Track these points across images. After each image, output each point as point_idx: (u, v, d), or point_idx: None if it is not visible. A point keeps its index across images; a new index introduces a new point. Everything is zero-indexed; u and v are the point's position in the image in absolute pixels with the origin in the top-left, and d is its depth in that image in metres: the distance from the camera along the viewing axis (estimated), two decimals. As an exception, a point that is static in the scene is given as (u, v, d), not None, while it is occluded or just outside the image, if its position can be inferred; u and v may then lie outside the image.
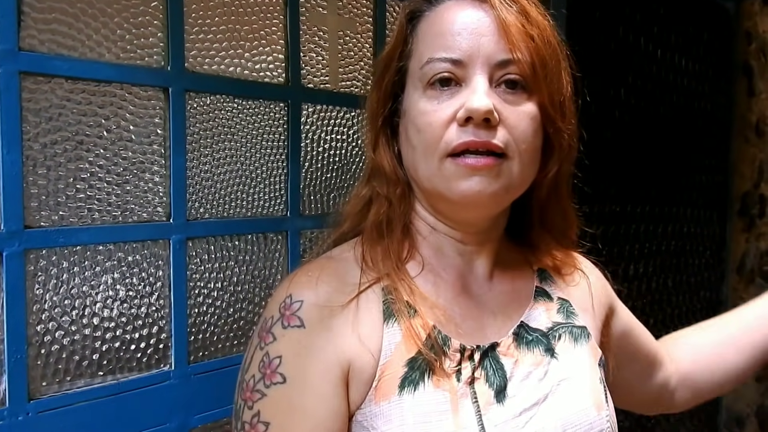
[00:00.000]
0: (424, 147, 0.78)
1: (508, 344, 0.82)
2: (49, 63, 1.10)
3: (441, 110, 0.77)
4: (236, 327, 1.39)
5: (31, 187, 1.09)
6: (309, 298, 0.77)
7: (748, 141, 3.03)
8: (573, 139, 0.85)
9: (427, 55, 0.79)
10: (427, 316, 0.79)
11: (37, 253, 1.10)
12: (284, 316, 0.76)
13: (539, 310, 0.88)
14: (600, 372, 0.88)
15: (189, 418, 1.29)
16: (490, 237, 0.87)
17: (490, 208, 0.82)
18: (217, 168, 1.34)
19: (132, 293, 1.22)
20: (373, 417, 0.73)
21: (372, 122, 0.87)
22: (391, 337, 0.76)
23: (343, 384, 0.75)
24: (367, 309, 0.78)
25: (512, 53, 0.77)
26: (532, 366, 0.82)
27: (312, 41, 1.49)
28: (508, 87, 0.78)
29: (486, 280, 0.88)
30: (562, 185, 0.88)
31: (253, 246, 1.41)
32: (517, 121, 0.77)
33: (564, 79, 0.83)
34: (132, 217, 1.22)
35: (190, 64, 1.29)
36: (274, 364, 0.74)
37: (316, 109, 1.51)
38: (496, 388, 0.78)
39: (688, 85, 2.81)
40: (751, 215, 3.05)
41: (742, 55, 3.02)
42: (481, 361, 0.79)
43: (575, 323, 0.90)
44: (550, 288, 0.92)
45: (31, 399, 1.09)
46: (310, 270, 0.81)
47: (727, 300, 3.11)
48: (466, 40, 0.77)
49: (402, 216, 0.85)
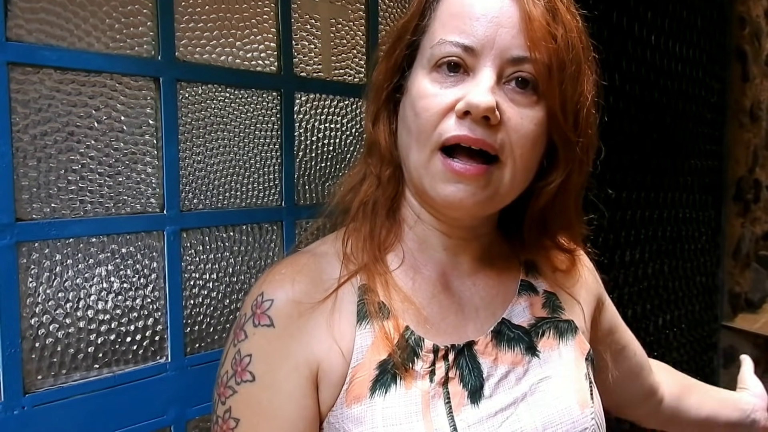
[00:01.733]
0: (419, 132, 0.74)
1: (485, 343, 0.79)
2: (37, 53, 1.09)
3: (442, 96, 0.73)
4: (232, 318, 1.38)
5: (22, 180, 1.08)
6: (280, 297, 0.75)
7: (742, 126, 3.03)
8: (587, 152, 0.80)
9: (440, 35, 0.74)
10: (400, 316, 0.77)
11: (30, 245, 1.09)
12: (255, 315, 0.76)
13: (522, 306, 0.85)
14: (586, 367, 0.85)
15: (186, 411, 1.28)
16: (477, 233, 0.84)
17: (475, 213, 0.77)
18: (210, 158, 1.33)
19: (126, 285, 1.21)
20: (344, 420, 0.72)
21: (376, 95, 0.82)
22: (363, 339, 0.75)
23: (313, 385, 0.74)
24: (341, 309, 0.76)
25: (530, 51, 0.71)
26: (511, 365, 0.79)
27: (304, 29, 1.48)
28: (518, 85, 0.73)
29: (470, 275, 0.84)
30: (567, 197, 0.81)
31: (248, 236, 1.40)
32: (519, 124, 0.72)
33: (583, 87, 0.77)
34: (125, 208, 1.21)
35: (181, 54, 1.27)
36: (245, 362, 0.74)
37: (309, 98, 1.49)
38: (470, 388, 0.76)
39: (682, 70, 2.81)
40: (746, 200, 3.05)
41: (735, 40, 3.02)
42: (455, 361, 0.76)
43: (561, 317, 0.87)
44: (537, 281, 0.89)
45: (26, 393, 1.08)
46: (284, 267, 0.79)
47: (722, 285, 3.12)
48: (483, 28, 0.72)
49: (389, 199, 0.82)
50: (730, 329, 3.09)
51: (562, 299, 0.89)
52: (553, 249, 0.91)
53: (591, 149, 0.80)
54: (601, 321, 1.01)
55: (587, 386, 0.83)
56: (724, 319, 3.13)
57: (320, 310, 0.75)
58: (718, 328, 3.11)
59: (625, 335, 1.11)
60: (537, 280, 0.89)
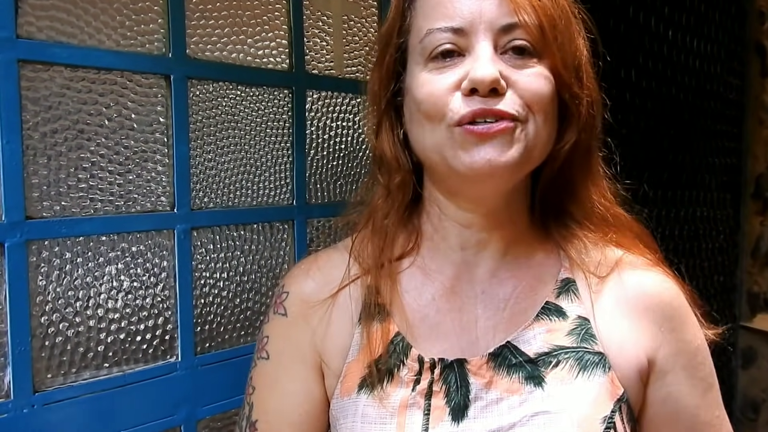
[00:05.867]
0: (428, 117, 0.72)
1: (480, 364, 0.75)
2: (47, 50, 1.08)
3: (444, 78, 0.72)
4: (243, 317, 1.37)
5: (32, 177, 1.07)
6: (295, 291, 0.83)
7: (761, 122, 2.99)
8: (593, 106, 0.78)
9: (426, 27, 0.73)
10: (395, 320, 0.77)
11: (40, 244, 1.09)
12: (275, 303, 0.84)
13: (536, 331, 0.77)
14: (609, 410, 0.74)
15: (196, 410, 1.27)
16: (502, 220, 0.79)
17: (504, 178, 0.73)
18: (221, 156, 1.32)
19: (137, 284, 1.21)
20: (338, 409, 0.78)
21: (374, 105, 0.82)
22: (359, 337, 0.78)
23: (318, 372, 0.80)
24: (346, 307, 0.80)
25: (517, 15, 0.71)
26: (506, 392, 0.74)
27: (316, 26, 1.47)
28: (515, 53, 0.72)
29: (484, 280, 0.79)
30: (581, 161, 0.79)
31: (258, 235, 1.39)
32: (528, 83, 0.71)
33: (577, 42, 0.77)
34: (135, 206, 1.20)
35: (192, 51, 1.26)
36: (264, 342, 0.83)
37: (321, 96, 1.48)
38: (453, 406, 0.73)
39: (700, 66, 2.77)
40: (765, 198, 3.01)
41: (754, 35, 2.97)
42: (442, 375, 0.74)
43: (590, 348, 0.76)
44: (570, 304, 0.79)
45: (36, 391, 1.08)
46: (305, 263, 0.86)
47: (741, 284, 3.07)
48: (467, 6, 0.71)
49: (400, 208, 0.81)
50: (748, 329, 3.05)
51: (600, 327, 0.78)
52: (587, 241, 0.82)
53: (596, 105, 0.79)
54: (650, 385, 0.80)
55: (599, 430, 0.73)
56: (743, 319, 3.08)
57: (325, 306, 0.80)
58: (736, 328, 3.07)
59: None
60: (572, 302, 0.79)
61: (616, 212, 0.84)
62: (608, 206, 0.84)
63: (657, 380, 0.79)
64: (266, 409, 0.81)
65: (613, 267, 0.81)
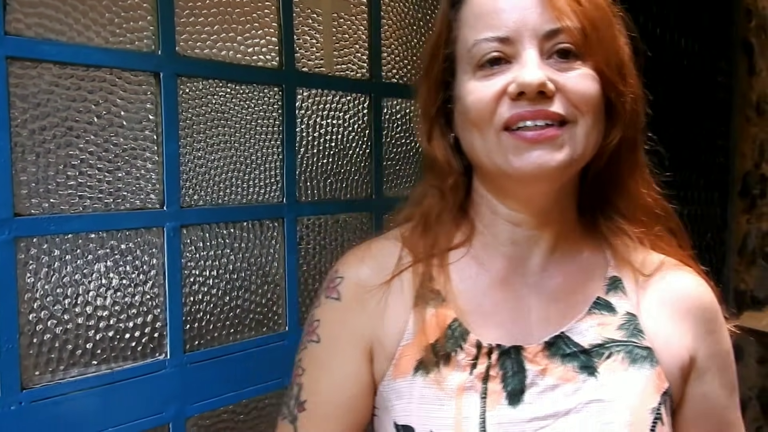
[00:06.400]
0: (477, 123, 0.75)
1: (536, 351, 0.78)
2: (36, 47, 1.08)
3: (490, 85, 0.74)
4: (232, 315, 1.37)
5: (20, 174, 1.07)
6: (349, 276, 0.84)
7: (748, 120, 3.00)
8: (637, 103, 0.81)
9: (473, 38, 0.76)
10: (451, 306, 0.80)
11: (28, 241, 1.08)
12: (328, 288, 0.85)
13: (589, 324, 0.80)
14: (656, 402, 0.78)
15: (185, 408, 1.27)
16: (551, 218, 0.81)
17: (554, 180, 0.76)
18: (210, 154, 1.32)
19: (125, 281, 1.20)
20: (390, 391, 0.79)
21: (425, 113, 0.84)
22: (415, 322, 0.80)
23: (367, 356, 0.82)
24: (400, 293, 0.82)
25: (560, 21, 0.73)
26: (561, 380, 0.77)
27: (306, 24, 1.46)
28: (560, 57, 0.74)
29: (536, 273, 0.82)
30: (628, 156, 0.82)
31: (248, 233, 1.39)
32: (575, 84, 0.73)
33: (619, 40, 0.80)
34: (124, 204, 1.20)
35: (182, 48, 1.26)
36: (314, 325, 0.85)
37: (311, 93, 1.48)
38: (510, 390, 0.76)
39: (687, 64, 2.78)
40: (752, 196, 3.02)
41: (742, 33, 2.98)
42: (499, 361, 0.77)
43: (639, 343, 0.80)
44: (619, 300, 0.82)
45: (23, 388, 1.08)
46: (359, 250, 0.87)
47: (728, 282, 3.09)
48: (511, 16, 0.74)
49: (453, 207, 0.84)
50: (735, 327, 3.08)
51: (646, 324, 0.81)
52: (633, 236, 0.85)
53: (639, 101, 0.81)
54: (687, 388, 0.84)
55: (648, 420, 0.77)
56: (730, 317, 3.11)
57: (381, 292, 0.82)
58: (722, 324, 3.09)
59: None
60: (620, 299, 0.83)
61: (662, 204, 0.88)
62: (655, 198, 0.87)
63: (696, 378, 0.83)
64: (316, 390, 0.83)
65: (657, 267, 0.85)
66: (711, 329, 0.84)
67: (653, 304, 0.83)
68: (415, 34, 1.72)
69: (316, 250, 1.53)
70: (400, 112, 1.70)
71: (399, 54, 1.68)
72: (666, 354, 0.80)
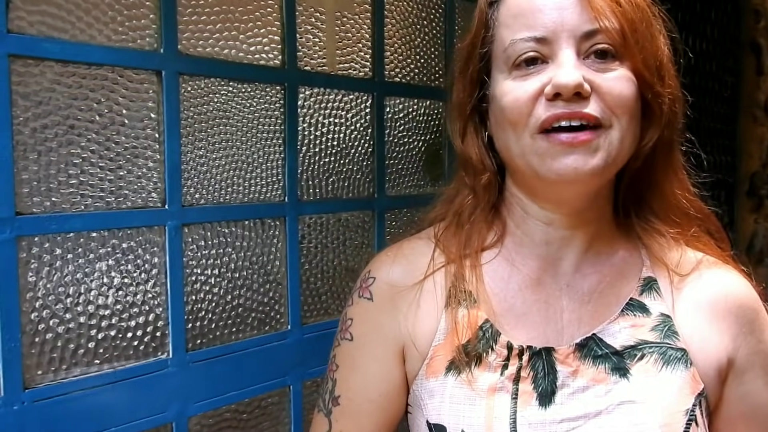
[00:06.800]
0: (513, 124, 0.75)
1: (567, 353, 0.78)
2: (38, 45, 1.07)
3: (527, 86, 0.74)
4: (234, 314, 1.37)
5: (22, 173, 1.07)
6: (382, 276, 0.86)
7: (756, 120, 2.99)
8: (675, 104, 0.81)
9: (510, 37, 0.76)
10: (483, 307, 0.81)
11: (30, 240, 1.08)
12: (361, 288, 0.87)
13: (621, 326, 0.80)
14: (690, 403, 0.77)
15: (187, 407, 1.27)
16: (585, 218, 0.81)
17: (589, 184, 0.77)
18: (212, 153, 1.32)
19: (127, 280, 1.20)
20: (423, 389, 0.81)
21: (459, 112, 0.85)
22: (447, 321, 0.81)
23: (399, 355, 0.84)
24: (432, 292, 0.83)
25: (598, 22, 0.73)
26: (592, 381, 0.77)
27: (308, 22, 1.46)
28: (597, 57, 0.74)
29: (568, 274, 0.82)
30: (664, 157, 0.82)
31: (250, 232, 1.39)
32: (611, 86, 0.73)
33: (658, 42, 0.79)
34: (126, 203, 1.20)
35: (184, 47, 1.26)
36: (348, 324, 0.87)
37: (313, 92, 1.48)
38: (541, 391, 0.77)
39: (695, 63, 2.77)
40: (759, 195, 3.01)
41: (750, 33, 2.97)
42: (530, 362, 0.78)
43: (673, 344, 0.79)
44: (653, 301, 0.82)
45: (26, 388, 1.07)
46: (391, 250, 0.89)
47: (734, 282, 3.08)
48: (548, 16, 0.74)
49: (486, 206, 0.85)
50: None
51: (681, 325, 0.81)
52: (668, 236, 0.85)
53: (678, 102, 0.81)
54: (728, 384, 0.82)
55: (683, 421, 0.76)
56: None
57: (413, 292, 0.84)
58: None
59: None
60: (654, 300, 0.82)
61: (698, 206, 0.87)
62: (691, 199, 0.86)
63: (735, 378, 0.82)
64: (348, 387, 0.85)
65: (695, 267, 0.84)
66: (752, 329, 0.82)
67: (690, 304, 0.82)
68: (418, 34, 1.72)
69: (318, 249, 1.52)
70: (403, 111, 1.69)
71: (402, 53, 1.68)
72: (702, 355, 0.79)
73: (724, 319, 0.82)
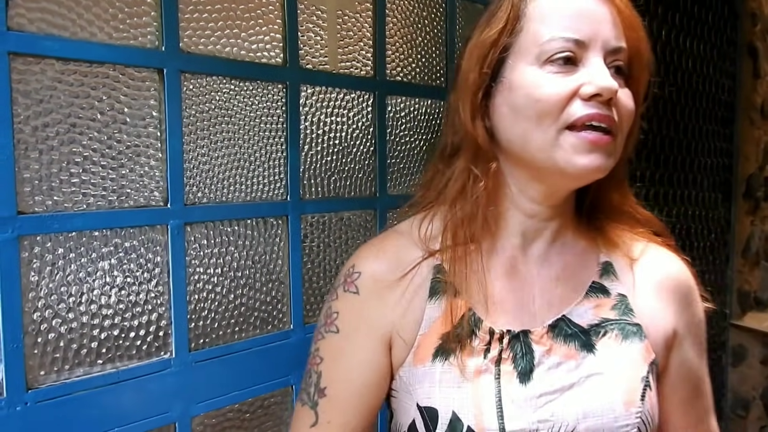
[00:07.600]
0: (541, 116, 0.80)
1: (541, 334, 0.86)
2: (39, 43, 1.07)
3: (564, 83, 0.80)
4: (237, 313, 1.36)
5: (24, 172, 1.06)
6: (366, 271, 0.90)
7: (753, 123, 3.00)
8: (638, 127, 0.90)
9: (550, 34, 0.81)
10: (465, 296, 0.87)
11: (32, 239, 1.07)
12: (346, 282, 0.91)
13: (586, 307, 0.90)
14: (645, 371, 0.87)
15: (191, 407, 1.26)
16: (559, 211, 0.90)
17: (589, 181, 0.85)
18: (214, 151, 1.31)
19: (130, 280, 1.19)
20: (411, 376, 0.86)
21: (472, 96, 0.87)
22: (432, 312, 0.87)
23: (385, 346, 0.88)
24: (416, 284, 0.88)
25: (623, 41, 0.82)
26: (564, 357, 0.86)
27: (310, 21, 1.46)
28: (616, 72, 0.82)
29: (538, 262, 0.90)
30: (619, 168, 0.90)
31: (252, 231, 1.38)
32: (626, 103, 0.82)
33: (649, 70, 0.89)
34: (128, 201, 1.19)
35: (185, 45, 1.25)
36: (333, 317, 0.90)
37: (315, 91, 1.47)
38: (520, 370, 0.84)
39: (692, 66, 2.77)
40: (756, 198, 3.02)
41: (747, 36, 2.98)
42: (510, 344, 0.85)
43: (630, 320, 0.90)
44: (612, 283, 0.92)
45: (29, 388, 1.06)
46: (374, 245, 0.93)
47: (731, 283, 3.08)
48: (588, 24, 0.81)
49: (496, 189, 0.88)
50: (738, 328, 3.05)
51: (635, 303, 0.92)
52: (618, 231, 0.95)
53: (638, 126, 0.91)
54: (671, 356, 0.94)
55: (640, 387, 0.86)
56: (733, 318, 3.09)
57: (398, 285, 0.88)
58: (726, 326, 3.07)
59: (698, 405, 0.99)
60: (612, 282, 0.92)
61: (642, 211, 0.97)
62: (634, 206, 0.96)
63: (677, 346, 0.94)
64: (335, 378, 0.89)
65: (642, 250, 0.95)
66: (688, 303, 0.95)
67: (640, 284, 0.93)
68: (420, 33, 1.72)
69: (321, 248, 1.52)
70: (405, 110, 1.69)
71: (404, 52, 1.68)
72: (653, 329, 0.91)
73: (669, 296, 0.93)
